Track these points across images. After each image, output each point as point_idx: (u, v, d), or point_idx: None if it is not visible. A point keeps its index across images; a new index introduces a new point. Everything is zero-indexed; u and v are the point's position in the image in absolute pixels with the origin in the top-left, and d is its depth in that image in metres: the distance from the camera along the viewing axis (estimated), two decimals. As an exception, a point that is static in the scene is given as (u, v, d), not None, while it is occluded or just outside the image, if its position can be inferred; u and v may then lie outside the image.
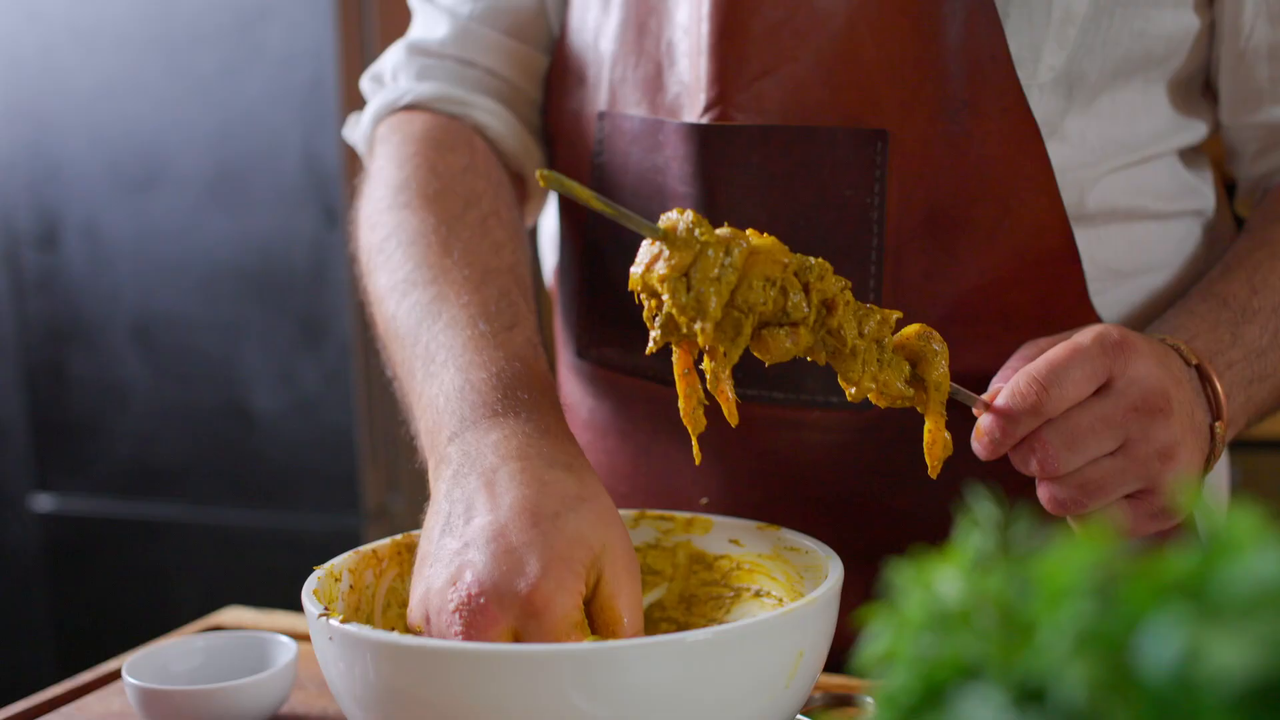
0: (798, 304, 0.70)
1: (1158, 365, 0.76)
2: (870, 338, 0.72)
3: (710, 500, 0.95)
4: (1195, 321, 0.84)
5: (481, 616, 0.67)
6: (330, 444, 2.12)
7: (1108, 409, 0.74)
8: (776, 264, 0.68)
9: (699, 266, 0.67)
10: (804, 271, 0.70)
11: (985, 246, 0.87)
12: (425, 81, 1.02)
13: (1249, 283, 0.87)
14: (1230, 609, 0.29)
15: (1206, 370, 0.81)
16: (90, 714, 0.91)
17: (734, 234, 0.68)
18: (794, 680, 0.69)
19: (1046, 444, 0.74)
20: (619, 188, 0.96)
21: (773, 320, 0.70)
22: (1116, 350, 0.75)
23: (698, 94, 0.90)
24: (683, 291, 0.67)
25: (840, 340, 0.71)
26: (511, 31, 1.02)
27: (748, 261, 0.68)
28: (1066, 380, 0.73)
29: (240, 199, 2.12)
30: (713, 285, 0.67)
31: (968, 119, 0.85)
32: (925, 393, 0.75)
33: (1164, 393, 0.75)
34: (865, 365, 0.72)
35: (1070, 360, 0.73)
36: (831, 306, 0.71)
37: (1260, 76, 0.91)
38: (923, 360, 0.74)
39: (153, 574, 2.28)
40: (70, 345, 2.28)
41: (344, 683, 0.69)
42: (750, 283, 0.68)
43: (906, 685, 0.34)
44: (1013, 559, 0.35)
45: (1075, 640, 0.30)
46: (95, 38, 2.17)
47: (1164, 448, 0.75)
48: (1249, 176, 0.98)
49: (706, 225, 0.68)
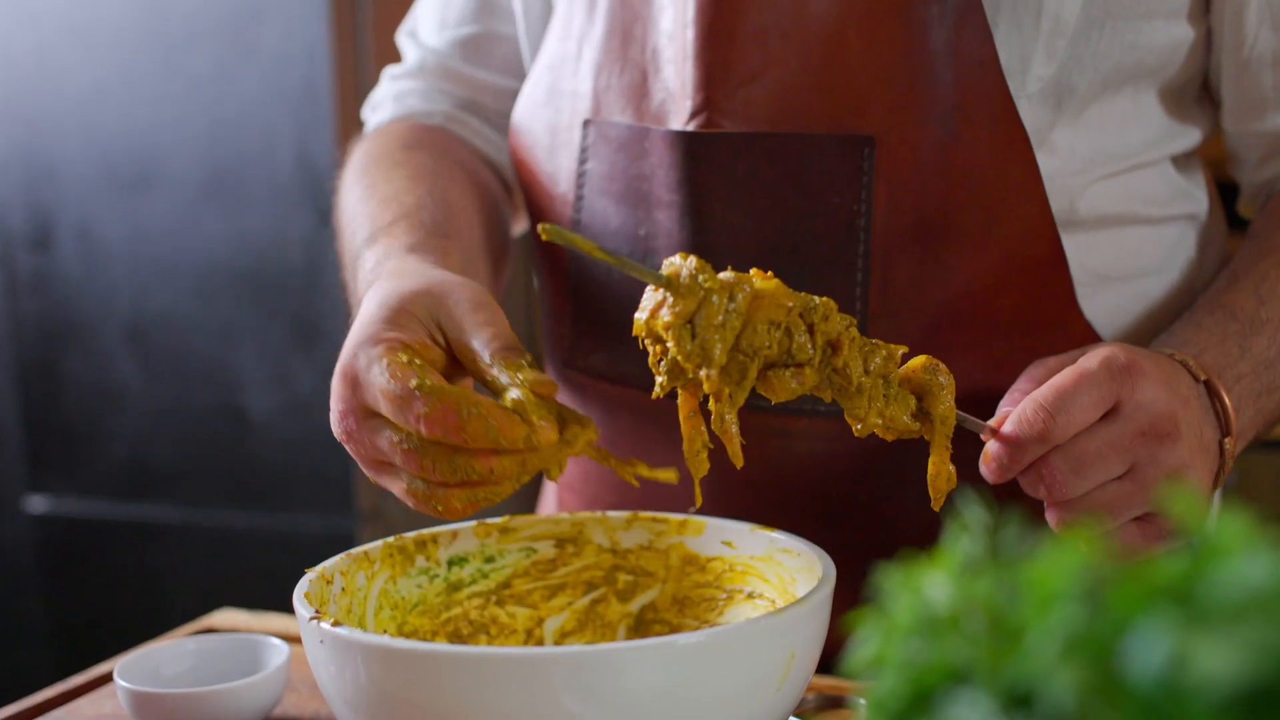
0: (803, 345, 0.70)
1: (1165, 388, 0.76)
2: (876, 374, 0.73)
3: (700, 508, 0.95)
4: (1203, 335, 0.84)
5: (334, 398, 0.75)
6: (324, 445, 2.12)
7: (1115, 434, 0.74)
8: (780, 307, 0.69)
9: (703, 313, 0.68)
10: (808, 313, 0.71)
11: (973, 252, 0.86)
12: (406, 100, 1.11)
13: (1256, 293, 0.87)
14: (1218, 614, 0.29)
15: (1215, 386, 0.80)
16: (82, 717, 0.90)
17: (738, 278, 0.69)
18: (786, 682, 0.69)
19: (1054, 470, 0.74)
20: (605, 195, 0.95)
21: (778, 362, 0.70)
22: (1124, 375, 0.74)
23: (683, 100, 0.89)
24: (687, 339, 0.68)
25: (846, 379, 0.72)
26: (487, 65, 1.09)
27: (751, 306, 0.69)
28: (1073, 406, 0.73)
29: (234, 199, 2.12)
30: (717, 332, 0.68)
31: (956, 124, 0.85)
32: (931, 425, 0.75)
33: (1171, 416, 0.75)
34: (871, 401, 0.73)
35: (1077, 386, 0.74)
36: (837, 346, 0.71)
37: (1265, 84, 0.91)
38: (928, 394, 0.75)
39: (147, 575, 2.28)
40: (64, 346, 2.28)
41: (335, 686, 0.69)
42: (755, 327, 0.69)
43: (895, 690, 0.34)
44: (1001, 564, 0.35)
45: (1064, 645, 0.30)
46: (89, 38, 2.17)
47: (1172, 470, 0.75)
48: (1253, 182, 0.98)
49: (710, 271, 0.68)
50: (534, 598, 0.88)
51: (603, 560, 0.89)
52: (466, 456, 0.68)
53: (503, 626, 0.87)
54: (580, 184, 0.96)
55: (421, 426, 0.68)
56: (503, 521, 0.88)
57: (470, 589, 0.87)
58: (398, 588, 0.84)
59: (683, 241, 0.91)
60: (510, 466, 0.69)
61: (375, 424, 0.72)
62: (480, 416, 0.67)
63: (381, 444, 0.71)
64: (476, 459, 0.68)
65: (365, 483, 2.13)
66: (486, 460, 0.68)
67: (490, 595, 0.87)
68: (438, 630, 0.85)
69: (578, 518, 0.89)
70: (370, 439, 0.72)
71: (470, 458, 0.68)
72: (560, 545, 0.89)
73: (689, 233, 0.90)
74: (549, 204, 0.99)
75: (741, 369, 0.69)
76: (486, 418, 0.67)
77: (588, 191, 0.96)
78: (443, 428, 0.67)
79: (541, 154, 1.00)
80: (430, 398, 0.68)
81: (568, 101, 0.97)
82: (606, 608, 0.89)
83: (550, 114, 0.99)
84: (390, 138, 1.06)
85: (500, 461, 0.69)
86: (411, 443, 0.69)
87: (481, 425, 0.67)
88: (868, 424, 0.74)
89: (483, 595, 0.87)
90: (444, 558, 0.86)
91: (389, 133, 1.07)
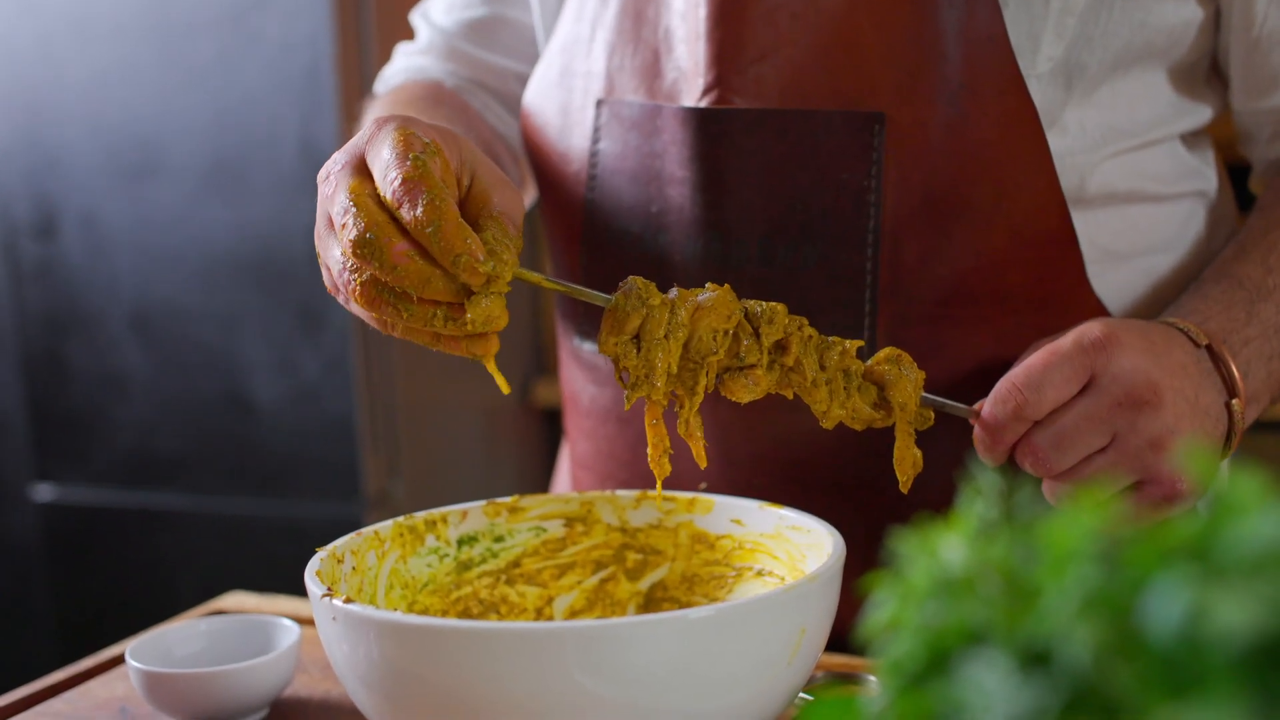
0: (749, 348, 0.76)
1: (1145, 357, 0.77)
2: (835, 368, 0.78)
3: (709, 486, 0.96)
4: (1208, 304, 0.85)
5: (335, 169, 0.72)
6: (331, 432, 2.12)
7: (1091, 407, 0.76)
8: (722, 315, 0.74)
9: (646, 329, 0.73)
10: (754, 318, 0.76)
11: (982, 229, 0.87)
12: (421, 72, 1.11)
13: (1264, 263, 0.88)
14: (1235, 569, 0.29)
15: (1218, 350, 0.81)
16: (94, 698, 0.91)
17: (682, 294, 0.74)
18: (796, 657, 0.69)
19: (1036, 446, 0.77)
20: (617, 174, 0.96)
21: (731, 366, 0.76)
22: (1097, 348, 0.76)
23: (695, 78, 0.90)
24: (633, 354, 0.73)
25: (801, 375, 0.77)
26: (494, 47, 1.10)
27: (695, 316, 0.74)
28: (1046, 384, 0.76)
29: (238, 187, 2.12)
30: (660, 346, 0.73)
31: (965, 102, 0.85)
32: (892, 414, 0.80)
33: (1151, 385, 0.76)
34: (833, 395, 0.78)
35: (1048, 364, 0.76)
36: (785, 346, 0.76)
37: (1275, 63, 0.91)
38: (889, 383, 0.79)
39: (153, 563, 2.29)
40: (69, 334, 2.28)
41: (348, 663, 0.69)
42: (700, 335, 0.74)
43: (912, 652, 0.34)
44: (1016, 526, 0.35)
45: (1080, 603, 0.31)
46: (92, 27, 2.17)
47: (1154, 438, 0.76)
48: (1264, 159, 0.98)
49: (652, 289, 0.74)
50: (544, 576, 0.89)
51: (612, 539, 0.89)
52: (388, 237, 0.67)
53: (513, 605, 0.87)
54: (593, 163, 0.97)
55: (390, 187, 0.68)
56: (512, 501, 0.88)
57: (480, 568, 0.87)
58: (408, 567, 0.84)
59: (694, 218, 0.91)
60: (420, 273, 0.68)
61: (352, 176, 0.71)
62: (435, 208, 0.67)
63: (343, 193, 0.70)
64: (391, 244, 0.67)
65: (372, 468, 2.13)
66: (402, 253, 0.67)
67: (500, 574, 0.88)
68: (448, 609, 0.85)
69: (586, 497, 0.89)
70: (339, 185, 0.71)
71: (389, 244, 0.67)
72: (569, 524, 0.89)
73: (700, 209, 0.91)
74: (561, 183, 1.00)
75: (693, 375, 0.74)
76: (440, 212, 0.67)
77: (600, 171, 0.96)
78: (402, 195, 0.67)
79: (553, 134, 1.00)
80: (416, 169, 0.68)
81: (580, 82, 0.98)
82: (616, 586, 0.89)
83: (563, 95, 0.99)
84: (410, 91, 1.07)
85: (416, 263, 0.68)
86: (362, 207, 0.69)
87: (431, 215, 0.67)
88: (831, 416, 0.78)
89: (493, 574, 0.87)
90: (454, 537, 0.87)
91: (408, 88, 1.08)
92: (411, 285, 0.68)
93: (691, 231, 0.92)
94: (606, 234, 0.97)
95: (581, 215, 0.99)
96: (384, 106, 1.04)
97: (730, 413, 0.93)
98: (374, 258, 0.67)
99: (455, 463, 2.36)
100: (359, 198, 0.69)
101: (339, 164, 0.72)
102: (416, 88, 1.08)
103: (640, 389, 0.73)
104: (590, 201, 0.97)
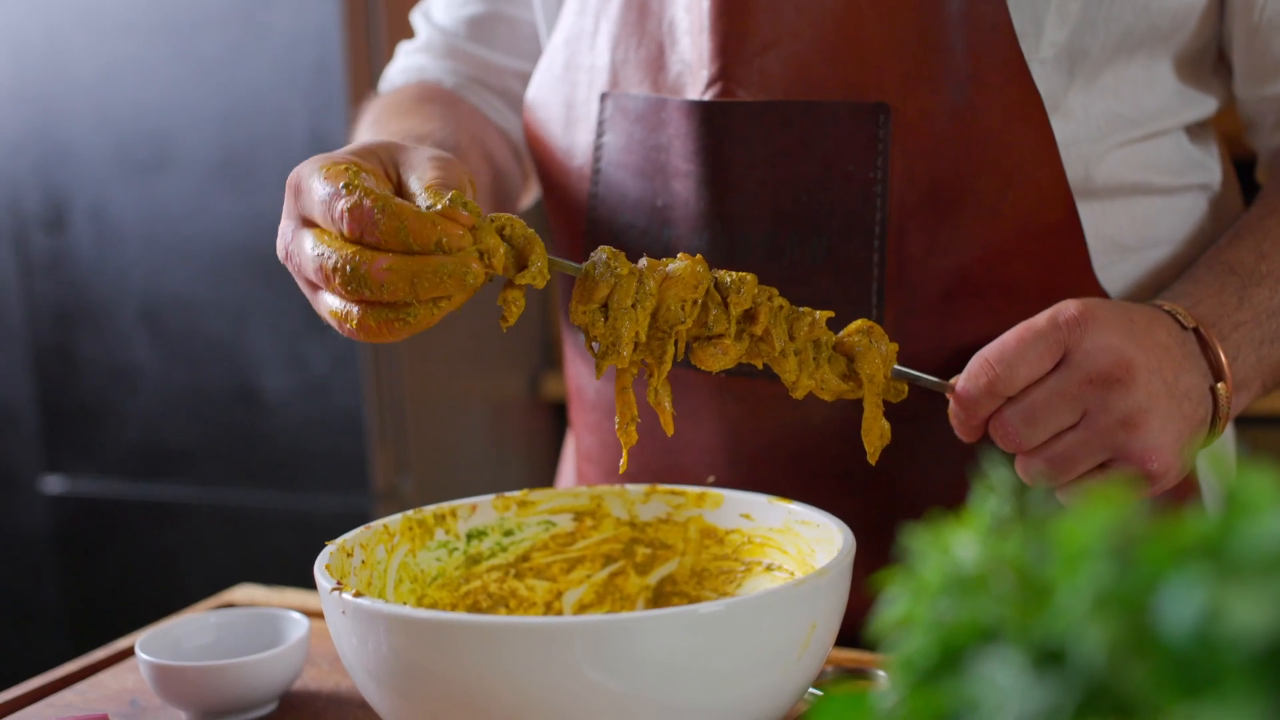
0: (717, 317, 0.76)
1: (1120, 335, 0.77)
2: (805, 339, 0.78)
3: (717, 479, 0.96)
4: (1199, 288, 0.85)
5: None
6: (339, 425, 2.13)
7: (1062, 383, 0.76)
8: (690, 285, 0.74)
9: (614, 298, 0.73)
10: (723, 288, 0.76)
11: (988, 219, 0.87)
12: (420, 71, 1.12)
13: (1257, 249, 0.87)
14: (1249, 568, 0.29)
15: (1205, 333, 0.81)
16: (104, 690, 0.91)
17: (651, 264, 0.74)
18: (806, 652, 0.69)
19: (1006, 422, 0.77)
20: (622, 167, 0.95)
21: (700, 335, 0.76)
22: (1071, 325, 0.76)
23: (700, 71, 0.90)
24: (600, 322, 0.73)
25: (770, 345, 0.77)
26: (493, 44, 1.10)
27: (663, 286, 0.74)
28: (1019, 360, 0.76)
29: (247, 181, 2.12)
30: (627, 315, 0.73)
31: (970, 91, 0.85)
32: (861, 385, 0.80)
33: (1124, 363, 0.76)
34: (802, 365, 0.78)
35: (1022, 339, 0.77)
36: (753, 316, 0.76)
37: (1276, 50, 0.91)
38: (858, 355, 0.79)
39: (163, 556, 2.29)
40: (78, 328, 2.28)
41: (357, 657, 0.69)
42: (668, 305, 0.74)
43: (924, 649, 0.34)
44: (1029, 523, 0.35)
45: (1094, 601, 0.30)
46: (101, 21, 2.17)
47: (1126, 417, 0.76)
48: (1269, 147, 0.98)
49: (622, 259, 0.73)
50: (553, 571, 0.89)
51: (621, 533, 0.89)
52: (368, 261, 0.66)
53: (522, 599, 0.87)
54: (597, 157, 0.97)
55: (343, 224, 0.67)
56: (521, 495, 0.88)
57: (489, 562, 0.87)
58: (417, 561, 0.84)
59: (700, 211, 0.91)
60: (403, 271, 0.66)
61: (306, 234, 0.70)
62: (393, 214, 0.66)
63: (306, 249, 0.69)
64: (372, 266, 0.66)
65: (381, 462, 2.13)
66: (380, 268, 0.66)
67: (509, 568, 0.88)
68: (457, 603, 0.85)
69: (596, 491, 0.89)
70: (299, 250, 0.70)
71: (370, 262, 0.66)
72: (579, 518, 0.89)
73: (706, 202, 0.91)
74: (565, 179, 1.00)
75: (661, 344, 0.75)
76: (399, 215, 0.66)
77: (605, 164, 0.96)
78: (359, 224, 0.66)
79: (557, 129, 1.00)
80: (354, 195, 0.67)
81: (585, 75, 0.98)
82: (625, 580, 0.89)
83: (567, 88, 0.99)
84: (402, 94, 1.07)
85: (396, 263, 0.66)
86: (331, 248, 0.68)
87: (394, 224, 0.66)
88: (800, 386, 0.79)
89: (502, 568, 0.87)
90: (463, 531, 0.87)
91: (402, 90, 1.09)
92: (404, 292, 0.67)
93: (697, 225, 0.91)
94: (611, 228, 0.97)
95: (586, 210, 0.98)
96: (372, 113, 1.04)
97: (738, 406, 0.93)
98: (364, 284, 0.66)
99: (464, 456, 2.36)
100: (323, 243, 0.68)
101: (289, 234, 0.72)
102: (409, 90, 1.08)
103: (609, 358, 0.74)
104: (595, 196, 0.97)
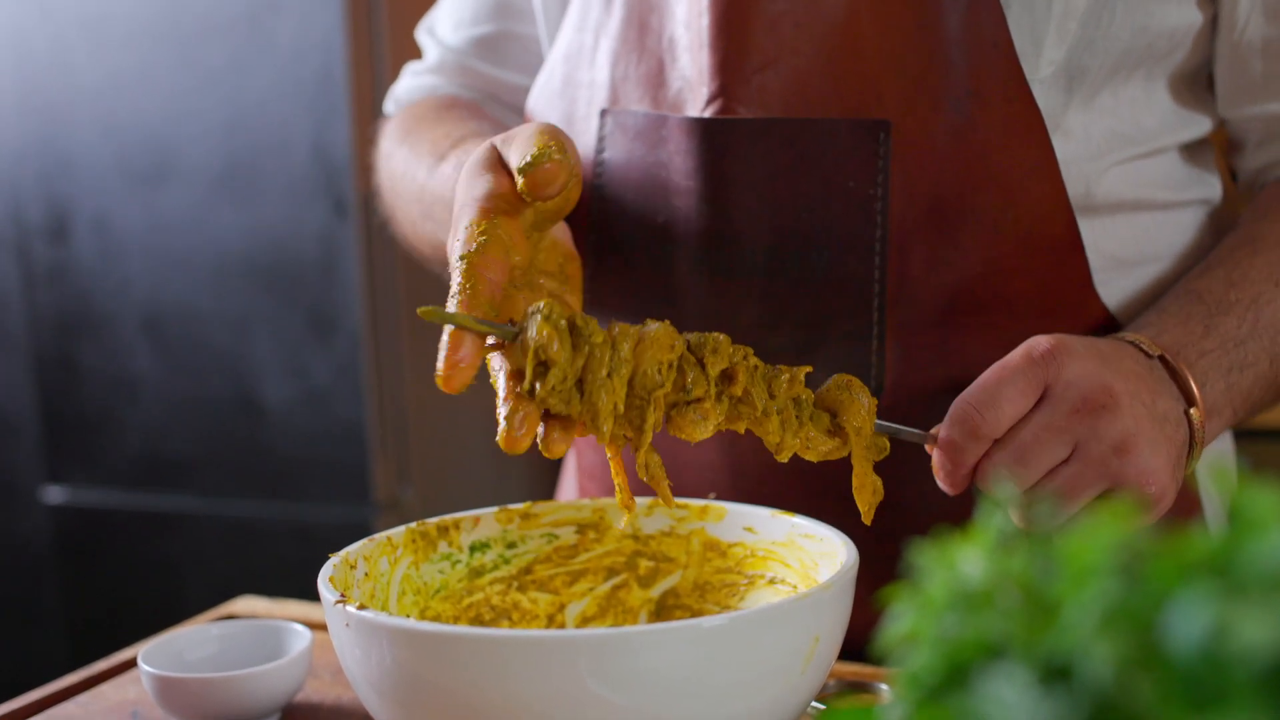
0: (695, 379, 0.72)
1: (1096, 363, 0.76)
2: (785, 397, 0.75)
3: (719, 495, 0.95)
4: (1164, 318, 0.84)
5: None
6: (341, 435, 2.13)
7: (1049, 417, 0.75)
8: (665, 346, 0.70)
9: (590, 369, 0.69)
10: (698, 348, 0.72)
11: (989, 235, 0.87)
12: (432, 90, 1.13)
13: (1227, 278, 0.87)
14: (1256, 585, 0.29)
15: (1170, 360, 0.80)
16: (106, 702, 0.91)
17: (624, 328, 0.70)
18: (809, 666, 0.69)
19: (998, 466, 0.75)
20: (622, 184, 0.95)
21: (679, 400, 0.72)
22: (1047, 358, 0.75)
23: (699, 88, 0.90)
24: (577, 401, 0.69)
25: (751, 406, 0.73)
26: (504, 63, 1.11)
27: (638, 350, 0.70)
28: (1001, 399, 0.74)
29: (250, 191, 2.12)
30: (604, 386, 0.69)
31: (971, 108, 0.85)
32: (848, 440, 0.77)
33: (1106, 388, 0.75)
34: (785, 425, 0.75)
35: (1000, 379, 0.75)
36: (732, 376, 0.73)
37: (1254, 71, 0.91)
38: (841, 408, 0.77)
39: (164, 566, 2.29)
40: (80, 337, 2.29)
41: (360, 669, 0.69)
42: (644, 370, 0.70)
43: (930, 665, 0.34)
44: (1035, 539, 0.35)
45: (1101, 618, 0.30)
46: (105, 31, 2.17)
47: (1118, 443, 0.75)
48: (1248, 169, 0.98)
49: (593, 324, 0.69)
50: (556, 583, 0.89)
51: (624, 546, 0.89)
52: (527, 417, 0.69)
53: (524, 612, 0.87)
54: (597, 174, 0.97)
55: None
56: (524, 507, 0.88)
57: (492, 574, 0.87)
58: (420, 573, 0.84)
59: (700, 229, 0.91)
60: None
61: None
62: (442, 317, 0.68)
63: None
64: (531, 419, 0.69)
65: (382, 472, 2.13)
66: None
67: (512, 581, 0.88)
68: (460, 616, 0.85)
69: (599, 503, 0.89)
70: None
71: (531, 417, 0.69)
72: (582, 531, 0.89)
73: (706, 220, 0.90)
74: None
75: (640, 413, 0.70)
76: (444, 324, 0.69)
77: (605, 182, 0.96)
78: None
79: None
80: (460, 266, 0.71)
81: (584, 92, 0.98)
82: (628, 593, 0.89)
83: (566, 104, 0.99)
84: (424, 106, 1.08)
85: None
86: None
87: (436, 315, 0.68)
88: (785, 447, 0.75)
89: (504, 581, 0.87)
90: (466, 543, 0.87)
91: (423, 103, 1.10)
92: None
93: (697, 242, 0.91)
94: (611, 245, 0.96)
95: (585, 227, 0.98)
96: (398, 125, 1.05)
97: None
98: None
99: (465, 468, 2.36)
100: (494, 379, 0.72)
101: None
102: (430, 101, 1.09)
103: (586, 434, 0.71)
104: (594, 213, 0.97)
